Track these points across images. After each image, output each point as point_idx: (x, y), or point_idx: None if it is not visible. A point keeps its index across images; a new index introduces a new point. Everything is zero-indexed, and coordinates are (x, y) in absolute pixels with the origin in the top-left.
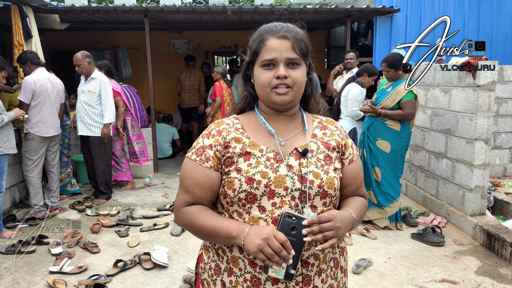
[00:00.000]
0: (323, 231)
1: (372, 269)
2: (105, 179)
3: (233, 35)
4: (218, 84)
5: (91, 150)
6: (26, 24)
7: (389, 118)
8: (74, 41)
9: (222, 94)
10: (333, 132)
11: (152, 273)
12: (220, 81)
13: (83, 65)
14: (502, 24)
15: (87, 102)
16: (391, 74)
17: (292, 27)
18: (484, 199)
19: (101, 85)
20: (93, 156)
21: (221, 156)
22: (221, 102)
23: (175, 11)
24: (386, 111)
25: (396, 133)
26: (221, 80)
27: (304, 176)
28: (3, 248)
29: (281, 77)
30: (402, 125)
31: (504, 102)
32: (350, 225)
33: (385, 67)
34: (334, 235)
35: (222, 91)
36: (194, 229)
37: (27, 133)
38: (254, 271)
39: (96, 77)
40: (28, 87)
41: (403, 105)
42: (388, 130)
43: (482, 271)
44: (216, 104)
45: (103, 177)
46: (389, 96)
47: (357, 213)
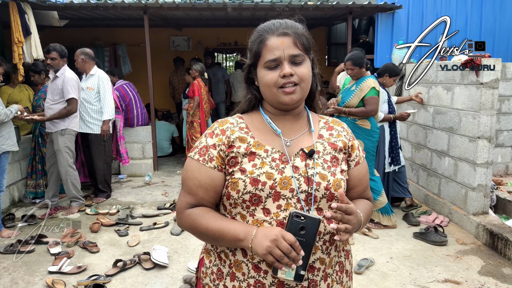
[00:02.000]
0: (344, 221)
1: (374, 269)
2: (105, 177)
3: (233, 32)
4: (197, 82)
5: (90, 148)
6: (25, 21)
7: (355, 116)
8: (73, 38)
9: (200, 92)
10: (339, 133)
11: (152, 273)
12: (198, 79)
13: (77, 61)
14: (505, 20)
15: (86, 99)
16: (355, 72)
17: (291, 23)
18: (487, 198)
19: (100, 81)
20: (92, 153)
21: (225, 156)
22: (199, 101)
23: (175, 8)
24: (350, 109)
25: (368, 131)
26: (199, 78)
27: (310, 177)
28: (1, 247)
29: (287, 76)
30: (370, 122)
31: (506, 99)
32: (358, 226)
33: (350, 65)
34: (350, 230)
35: (200, 89)
36: (199, 232)
37: (64, 129)
38: (258, 276)
39: (94, 74)
40: (76, 84)
41: (366, 102)
42: (360, 129)
43: (485, 271)
44: (195, 103)
45: (102, 175)
46: (354, 94)
47: (365, 215)
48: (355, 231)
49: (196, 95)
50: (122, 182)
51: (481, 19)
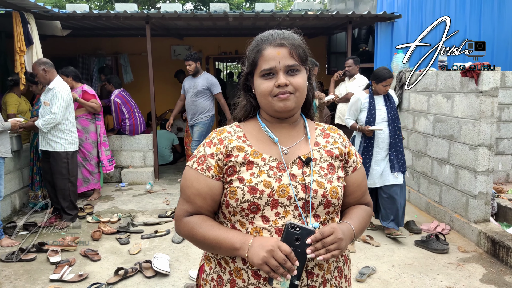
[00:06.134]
0: (326, 246)
1: (376, 277)
2: (70, 197)
3: (234, 41)
4: None
5: (52, 166)
6: (28, 31)
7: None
8: (76, 47)
9: None
10: (336, 140)
11: (154, 281)
12: None
13: (39, 74)
14: (503, 29)
15: (43, 114)
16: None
17: (288, 34)
18: (488, 205)
19: (53, 96)
20: (54, 172)
21: (223, 165)
22: None
23: (177, 18)
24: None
25: None
26: None
27: (307, 185)
28: (3, 256)
29: (282, 86)
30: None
31: (506, 107)
32: (351, 237)
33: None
34: (337, 247)
35: None
36: (196, 240)
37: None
38: (258, 283)
39: (52, 87)
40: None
41: None
42: None
43: (487, 279)
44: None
45: (67, 195)
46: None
47: (358, 223)
48: (350, 241)
49: None
50: (123, 190)
51: (480, 29)
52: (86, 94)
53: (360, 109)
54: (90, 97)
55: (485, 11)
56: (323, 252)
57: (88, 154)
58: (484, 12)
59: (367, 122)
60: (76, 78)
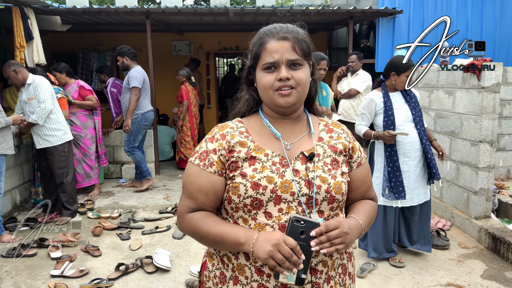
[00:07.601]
0: (331, 239)
1: (377, 273)
2: (70, 192)
3: (234, 36)
4: (184, 87)
5: (51, 162)
6: (27, 26)
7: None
8: (75, 42)
9: (188, 96)
10: (339, 135)
11: (154, 277)
12: (186, 84)
13: (11, 76)
14: (505, 25)
15: (31, 111)
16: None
17: (292, 28)
18: (489, 201)
19: (35, 88)
20: (53, 167)
21: (225, 161)
22: (188, 105)
23: (177, 13)
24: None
25: None
26: (186, 83)
27: (311, 181)
28: (4, 251)
29: (284, 79)
30: None
31: (507, 103)
32: (359, 232)
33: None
34: (342, 241)
35: (188, 93)
36: (199, 236)
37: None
38: (261, 279)
39: (31, 82)
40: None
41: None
42: None
43: (488, 274)
44: (184, 107)
45: (67, 190)
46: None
47: (366, 218)
48: (357, 237)
49: (184, 99)
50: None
51: (481, 25)
52: (83, 89)
53: (375, 112)
54: (87, 92)
55: (487, 6)
56: (327, 245)
57: (87, 150)
58: (486, 7)
59: (385, 126)
60: (69, 73)
